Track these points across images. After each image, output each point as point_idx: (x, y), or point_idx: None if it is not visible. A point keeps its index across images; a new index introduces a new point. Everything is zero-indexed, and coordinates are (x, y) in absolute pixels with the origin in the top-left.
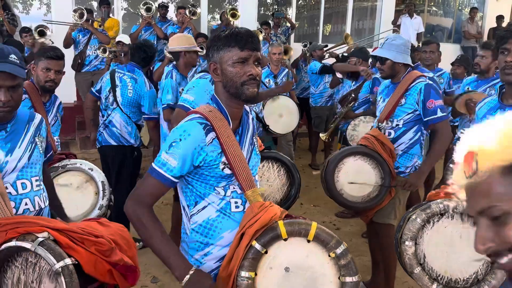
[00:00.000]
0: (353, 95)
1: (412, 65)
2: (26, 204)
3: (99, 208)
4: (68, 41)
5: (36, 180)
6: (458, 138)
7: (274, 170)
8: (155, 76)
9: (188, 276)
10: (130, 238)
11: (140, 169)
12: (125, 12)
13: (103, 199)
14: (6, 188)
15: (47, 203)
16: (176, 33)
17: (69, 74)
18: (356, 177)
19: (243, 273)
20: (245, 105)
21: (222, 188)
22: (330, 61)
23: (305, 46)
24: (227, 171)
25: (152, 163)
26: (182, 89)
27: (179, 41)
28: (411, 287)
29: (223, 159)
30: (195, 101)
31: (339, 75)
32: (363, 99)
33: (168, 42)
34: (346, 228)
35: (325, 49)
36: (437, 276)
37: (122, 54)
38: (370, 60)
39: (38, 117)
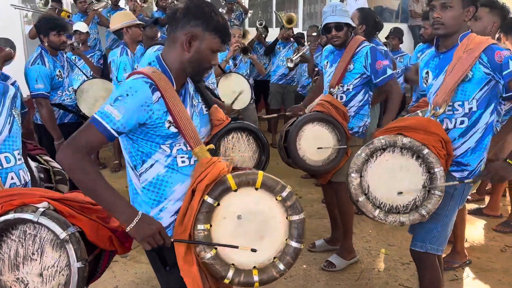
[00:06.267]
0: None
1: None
2: (12, 178)
3: None
4: (35, 32)
5: (18, 154)
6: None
7: (244, 140)
8: None
9: (135, 220)
10: None
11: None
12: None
13: None
14: None
15: (30, 177)
16: None
17: (21, 69)
18: (316, 142)
19: (199, 226)
20: None
21: (168, 146)
22: None
23: (260, 24)
24: (173, 129)
25: (94, 114)
26: (137, 66)
27: (119, 19)
28: (369, 241)
29: (169, 117)
30: None
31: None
32: None
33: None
34: (307, 196)
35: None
36: (380, 203)
37: (80, 43)
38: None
39: (12, 89)
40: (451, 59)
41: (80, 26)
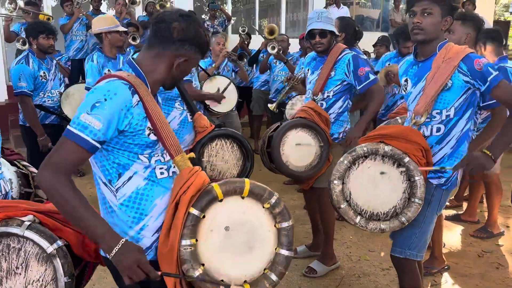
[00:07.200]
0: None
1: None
2: None
3: None
4: (8, 35)
5: None
6: (383, 115)
7: (228, 146)
8: None
9: (117, 248)
10: None
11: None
12: (54, 5)
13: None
14: None
15: (10, 187)
16: None
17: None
18: (300, 147)
19: (184, 242)
20: None
21: (147, 156)
22: None
23: (243, 31)
24: (153, 137)
25: (68, 126)
26: (109, 70)
27: (101, 23)
28: (349, 247)
29: (148, 124)
30: None
31: None
32: None
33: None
34: (290, 202)
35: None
36: (361, 210)
37: None
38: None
39: None
40: (430, 67)
41: None
